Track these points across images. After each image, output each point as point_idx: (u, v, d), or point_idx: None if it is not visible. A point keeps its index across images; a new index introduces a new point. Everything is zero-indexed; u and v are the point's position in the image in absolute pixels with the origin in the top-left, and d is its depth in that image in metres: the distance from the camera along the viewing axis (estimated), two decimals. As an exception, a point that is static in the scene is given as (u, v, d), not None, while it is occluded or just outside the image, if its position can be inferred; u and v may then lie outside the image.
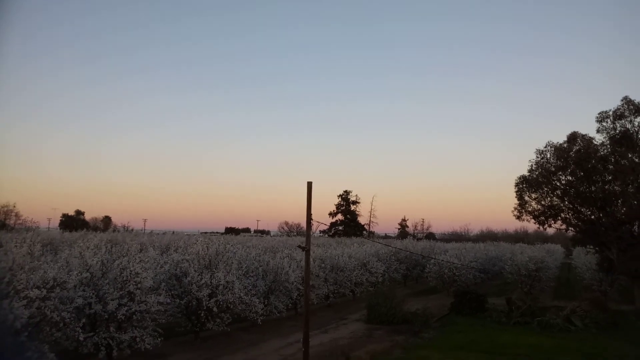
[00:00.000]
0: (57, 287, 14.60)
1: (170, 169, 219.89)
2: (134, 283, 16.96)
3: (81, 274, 16.08)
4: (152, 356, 18.01)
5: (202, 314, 20.60)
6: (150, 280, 17.81)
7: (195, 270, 21.05)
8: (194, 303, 20.68)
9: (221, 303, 20.66)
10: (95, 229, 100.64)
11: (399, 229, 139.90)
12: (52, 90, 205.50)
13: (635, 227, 34.33)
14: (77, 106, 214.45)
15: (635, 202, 30.51)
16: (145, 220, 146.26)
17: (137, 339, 16.48)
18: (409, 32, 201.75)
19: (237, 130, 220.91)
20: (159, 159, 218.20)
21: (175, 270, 21.34)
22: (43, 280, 14.21)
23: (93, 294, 16.16)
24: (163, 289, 19.35)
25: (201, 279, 20.70)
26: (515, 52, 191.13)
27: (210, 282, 20.70)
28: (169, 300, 18.96)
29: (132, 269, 17.18)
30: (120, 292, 16.64)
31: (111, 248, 19.28)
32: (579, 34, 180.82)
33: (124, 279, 16.97)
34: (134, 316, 16.76)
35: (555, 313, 28.53)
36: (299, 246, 15.52)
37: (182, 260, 21.68)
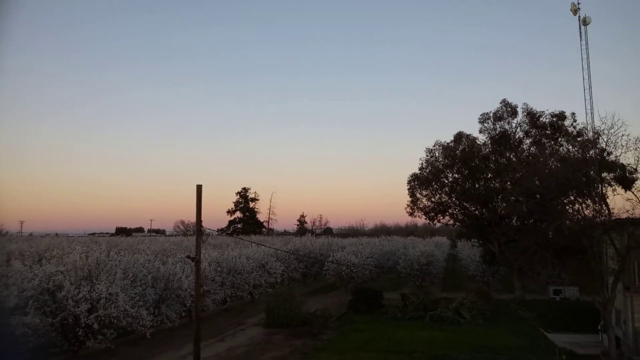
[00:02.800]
0: None
1: (54, 163, 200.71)
2: (-8, 303, 14.57)
3: None
4: (17, 385, 15.63)
5: (81, 332, 18.39)
6: (13, 298, 15.44)
7: (71, 283, 18.71)
8: (71, 320, 18.39)
9: (103, 318, 18.58)
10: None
11: (297, 225, 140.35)
12: None
13: (514, 221, 37.07)
14: None
15: (512, 197, 32.79)
16: (22, 222, 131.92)
17: (-3, 368, 14.14)
18: (298, 31, 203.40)
19: (133, 127, 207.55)
20: (40, 152, 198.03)
21: (48, 284, 18.80)
22: None
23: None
24: (31, 307, 16.91)
25: (79, 292, 18.44)
26: (413, 46, 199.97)
27: (90, 296, 18.52)
28: (37, 321, 16.58)
29: (-11, 287, 14.76)
30: (-25, 316, 14.19)
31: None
32: (473, 33, 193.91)
33: (-20, 299, 14.52)
34: (-8, 342, 14.35)
35: (445, 305, 29.81)
36: (188, 257, 14.23)
37: (56, 272, 19.18)
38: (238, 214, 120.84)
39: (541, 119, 39.20)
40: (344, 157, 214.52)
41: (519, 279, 38.14)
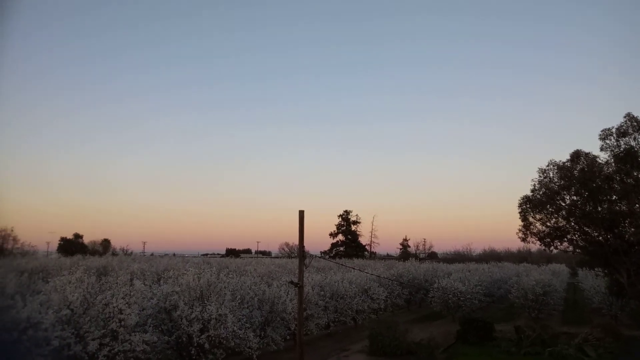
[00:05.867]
0: (30, 329, 13.39)
1: (171, 189, 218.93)
2: (117, 320, 15.78)
3: (60, 311, 14.91)
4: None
5: (193, 351, 19.29)
6: (135, 316, 16.60)
7: (185, 303, 19.78)
8: (185, 339, 19.38)
9: (213, 338, 19.35)
10: (93, 252, 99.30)
11: (400, 249, 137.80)
12: (50, 111, 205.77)
13: (646, 249, 33.09)
14: (75, 128, 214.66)
15: (644, 222, 29.31)
16: (144, 243, 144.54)
17: (121, 381, 15.23)
18: (412, 50, 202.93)
19: (238, 150, 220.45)
20: (159, 180, 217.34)
21: (165, 303, 20.07)
22: (14, 322, 13.03)
23: (72, 333, 14.95)
24: (150, 325, 18.09)
25: (192, 312, 19.43)
26: (517, 70, 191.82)
27: (202, 316, 19.41)
28: (155, 339, 17.67)
29: (115, 304, 16.02)
30: (103, 331, 15.44)
31: (96, 280, 18.11)
32: (580, 51, 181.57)
33: (107, 315, 15.80)
34: (116, 357, 15.51)
35: (566, 341, 27.17)
36: (291, 282, 14.39)
37: (172, 292, 20.42)
38: (340, 237, 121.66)
39: (673, 133, 34.87)
40: (449, 180, 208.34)
41: (655, 314, 33.78)
